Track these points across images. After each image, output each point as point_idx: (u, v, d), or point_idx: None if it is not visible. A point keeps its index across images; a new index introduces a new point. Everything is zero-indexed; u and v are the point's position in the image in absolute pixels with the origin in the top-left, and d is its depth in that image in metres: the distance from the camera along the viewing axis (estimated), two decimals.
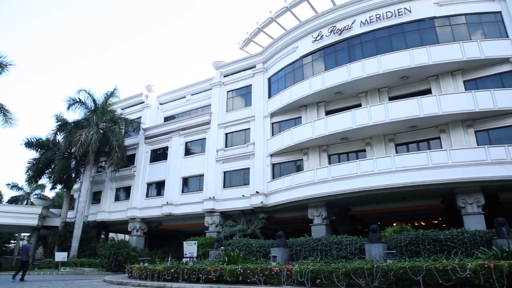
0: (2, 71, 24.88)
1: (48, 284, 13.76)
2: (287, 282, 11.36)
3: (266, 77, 27.03)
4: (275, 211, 23.51)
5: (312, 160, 22.59)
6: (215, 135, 27.48)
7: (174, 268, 13.94)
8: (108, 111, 31.33)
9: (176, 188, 28.11)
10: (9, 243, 55.76)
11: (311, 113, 23.46)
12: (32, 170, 34.23)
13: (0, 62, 24.68)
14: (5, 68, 24.93)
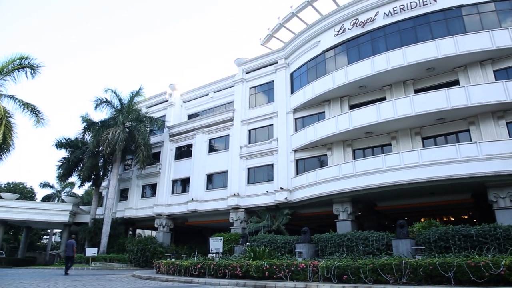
0: (34, 73, 25.76)
1: (80, 279, 14.24)
2: (313, 278, 11.32)
3: (288, 73, 26.90)
4: (299, 207, 23.46)
5: (336, 155, 22.38)
6: (238, 132, 27.61)
7: (201, 264, 14.15)
8: (134, 110, 32.01)
9: (201, 184, 28.45)
10: (43, 239, 58.00)
11: (335, 107, 23.20)
12: (63, 169, 35.46)
13: (32, 65, 25.55)
14: (36, 70, 25.81)
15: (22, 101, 26.68)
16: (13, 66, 25.10)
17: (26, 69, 25.59)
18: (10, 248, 47.70)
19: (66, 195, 48.98)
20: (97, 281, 13.23)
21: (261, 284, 11.17)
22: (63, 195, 49.95)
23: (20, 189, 53.51)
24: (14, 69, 25.26)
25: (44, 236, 57.54)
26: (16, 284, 11.32)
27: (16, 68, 25.28)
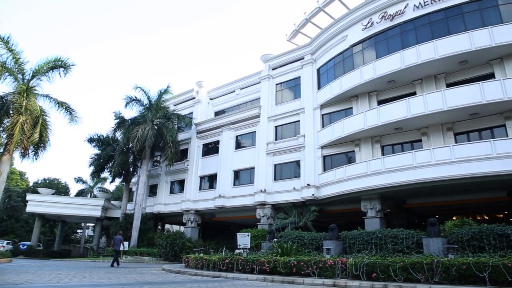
0: (66, 72, 26.68)
1: (113, 271, 14.73)
2: (341, 275, 11.26)
3: (315, 68, 26.66)
4: (326, 204, 23.29)
5: (365, 151, 22.04)
6: (265, 128, 27.66)
7: (229, 259, 14.33)
8: (162, 108, 32.66)
9: (228, 181, 28.73)
10: (77, 232, 60.25)
11: (363, 103, 22.83)
12: (95, 165, 36.73)
13: (64, 64, 26.46)
14: (68, 69, 26.72)
15: (57, 100, 27.70)
16: (48, 67, 26.07)
17: (59, 68, 26.53)
18: (47, 241, 49.89)
19: (98, 190, 50.65)
20: (129, 274, 13.65)
21: (289, 280, 11.20)
22: (95, 191, 51.68)
23: (55, 184, 55.74)
24: (49, 69, 26.23)
25: (78, 230, 59.75)
26: (54, 274, 11.85)
27: (50, 68, 26.24)
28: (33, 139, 25.63)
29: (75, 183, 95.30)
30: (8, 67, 24.98)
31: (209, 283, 10.42)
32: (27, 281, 9.28)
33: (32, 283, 8.97)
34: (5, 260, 20.18)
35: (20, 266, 16.55)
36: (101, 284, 9.07)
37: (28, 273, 12.14)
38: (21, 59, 25.28)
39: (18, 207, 48.74)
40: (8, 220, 49.43)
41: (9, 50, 24.45)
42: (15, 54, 24.97)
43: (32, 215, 40.73)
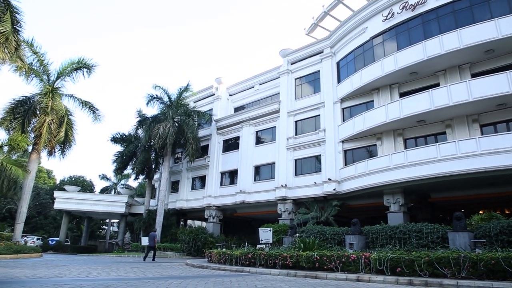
0: (90, 72, 27.31)
1: (138, 266, 15.07)
2: (365, 269, 11.18)
3: (335, 62, 26.37)
4: (348, 198, 23.10)
5: (387, 145, 21.71)
6: (284, 123, 27.59)
7: (251, 254, 14.43)
8: (182, 105, 33.02)
9: (249, 176, 28.84)
10: (102, 228, 61.81)
11: (384, 96, 22.45)
12: (118, 163, 37.52)
13: (88, 65, 27.09)
14: (92, 69, 27.35)
15: (81, 100, 28.42)
16: (72, 68, 26.76)
17: (83, 69, 27.18)
18: (74, 237, 51.38)
19: (121, 187, 51.75)
20: (153, 268, 13.93)
21: (312, 275, 11.20)
22: (119, 187, 52.81)
23: (80, 182, 57.31)
24: (73, 70, 26.91)
25: (103, 226, 61.31)
26: (82, 269, 12.22)
27: (74, 68, 26.92)
28: (59, 138, 26.42)
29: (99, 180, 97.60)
30: (34, 68, 25.76)
31: (233, 277, 10.54)
32: (57, 275, 9.61)
33: (63, 277, 9.28)
34: (36, 255, 20.94)
35: (50, 261, 17.14)
36: (128, 278, 9.29)
37: (58, 268, 12.56)
38: (45, 61, 26.05)
39: (46, 204, 50.40)
40: (37, 216, 51.19)
41: (34, 53, 25.19)
42: (40, 56, 25.74)
43: (60, 211, 42.05)
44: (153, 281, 8.74)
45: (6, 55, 18.00)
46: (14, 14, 18.21)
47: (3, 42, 17.60)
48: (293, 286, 8.33)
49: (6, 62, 18.80)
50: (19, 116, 25.72)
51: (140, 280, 8.80)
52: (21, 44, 19.14)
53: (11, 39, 17.88)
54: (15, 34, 18.41)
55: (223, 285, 8.19)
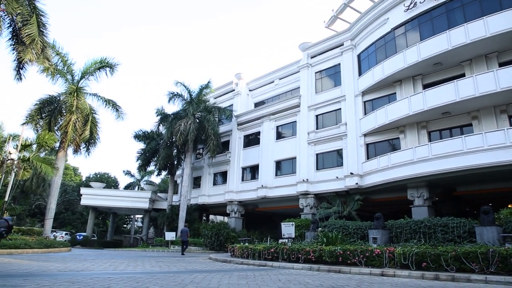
0: (112, 71, 27.89)
1: (163, 260, 15.37)
2: (389, 264, 11.04)
3: (355, 54, 26.00)
4: (371, 192, 22.84)
5: (410, 138, 21.30)
6: (305, 118, 27.45)
7: (274, 248, 14.48)
8: (203, 101, 33.34)
9: (270, 171, 28.88)
10: (127, 223, 63.25)
11: (407, 88, 22.01)
12: (141, 159, 38.29)
13: (110, 64, 27.65)
14: (114, 68, 27.90)
15: (104, 98, 29.05)
16: (95, 67, 27.39)
17: (106, 68, 27.77)
18: (100, 232, 52.81)
19: (145, 183, 52.75)
20: (178, 262, 14.18)
21: (335, 269, 11.16)
22: (142, 184, 53.85)
23: (105, 178, 58.74)
24: (96, 69, 27.53)
25: (128, 221, 62.72)
26: (110, 262, 12.57)
27: (97, 68, 27.54)
28: (84, 136, 27.15)
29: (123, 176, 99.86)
30: (59, 69, 26.48)
31: (256, 271, 10.62)
32: (87, 268, 9.92)
33: (91, 270, 9.58)
34: (65, 249, 21.63)
35: (79, 255, 17.68)
36: (153, 272, 9.50)
37: (86, 261, 12.96)
38: (68, 61, 26.75)
39: (73, 201, 51.94)
40: (65, 212, 52.85)
41: (57, 54, 25.86)
42: (63, 57, 26.43)
43: (86, 207, 43.28)
44: (178, 274, 8.90)
45: (33, 56, 18.60)
46: (39, 16, 18.77)
47: (30, 44, 18.18)
48: (317, 280, 8.32)
49: (34, 63, 19.45)
50: (46, 115, 26.57)
51: (166, 274, 8.98)
52: (47, 46, 19.69)
53: (37, 40, 18.44)
54: (41, 36, 18.98)
55: (246, 279, 8.27)
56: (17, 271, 8.38)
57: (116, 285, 6.36)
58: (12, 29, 18.86)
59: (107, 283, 6.64)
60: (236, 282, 7.50)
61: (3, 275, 7.36)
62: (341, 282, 8.19)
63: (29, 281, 6.58)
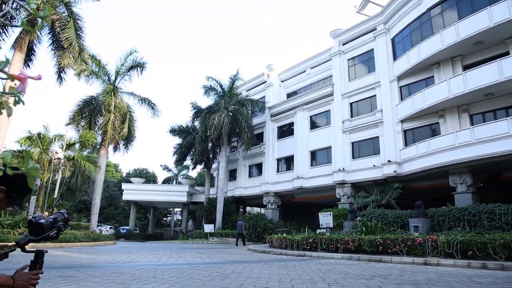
0: (142, 70, 28.65)
1: (203, 251, 15.78)
2: (432, 253, 10.77)
3: (389, 38, 25.17)
4: (410, 180, 22.22)
5: (450, 122, 20.46)
6: (339, 106, 27.01)
7: (312, 238, 14.48)
8: (235, 94, 33.59)
9: (305, 162, 28.73)
10: (167, 217, 65.20)
11: (445, 70, 21.08)
12: (177, 154, 39.24)
13: (140, 63, 28.40)
14: (143, 67, 28.64)
15: (140, 96, 29.94)
16: (126, 67, 28.24)
17: (137, 68, 28.58)
18: (142, 225, 54.83)
19: (182, 177, 54.08)
20: (218, 254, 14.51)
21: (376, 259, 11.02)
22: (180, 178, 55.23)
23: (144, 174, 60.72)
24: (129, 69, 28.37)
25: (168, 214, 64.64)
26: (153, 254, 13.06)
27: (131, 67, 28.38)
28: (123, 134, 28.18)
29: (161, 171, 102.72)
30: (95, 70, 27.56)
31: (295, 261, 10.68)
32: (132, 260, 10.37)
33: (137, 261, 10.00)
34: (111, 242, 22.65)
35: (124, 248, 18.48)
36: (195, 263, 9.78)
37: (131, 254, 13.53)
38: (102, 62, 27.75)
39: (115, 196, 54.18)
40: (108, 207, 55.24)
41: (91, 57, 26.80)
42: (97, 61, 27.43)
43: (128, 202, 44.99)
44: (220, 265, 9.12)
45: (71, 59, 19.42)
46: (76, 21, 19.53)
47: (68, 47, 18.99)
48: (357, 270, 8.27)
49: (71, 66, 20.31)
50: (86, 115, 27.76)
51: (207, 265, 9.23)
52: (84, 49, 20.48)
53: (75, 44, 19.23)
54: (78, 40, 19.77)
55: (286, 269, 8.34)
56: (70, 263, 8.89)
57: (161, 275, 6.62)
58: (52, 34, 19.80)
59: (153, 273, 6.92)
60: (277, 272, 7.59)
61: (58, 267, 7.84)
62: (382, 271, 8.08)
63: (81, 272, 6.97)
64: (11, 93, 1.10)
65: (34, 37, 18.43)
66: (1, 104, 1.14)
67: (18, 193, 1.96)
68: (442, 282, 6.37)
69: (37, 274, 2.07)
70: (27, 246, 2.30)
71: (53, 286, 5.01)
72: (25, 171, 1.19)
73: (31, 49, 19.28)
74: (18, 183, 1.86)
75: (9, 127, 17.09)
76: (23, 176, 1.30)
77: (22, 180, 1.84)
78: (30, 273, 2.04)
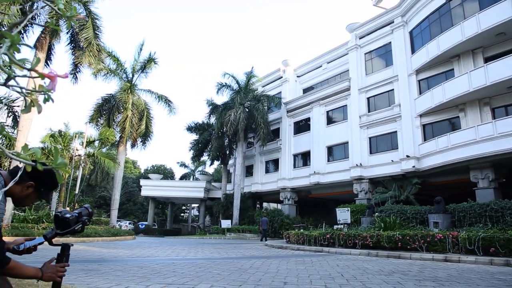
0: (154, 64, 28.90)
1: (221, 247, 15.90)
2: (453, 249, 10.59)
3: (407, 31, 24.71)
4: (429, 175, 21.86)
5: (471, 116, 19.99)
6: (356, 101, 26.72)
7: (330, 234, 14.42)
8: (251, 90, 33.59)
9: (322, 157, 28.58)
10: (184, 212, 65.94)
11: (466, 63, 20.58)
12: (194, 150, 39.56)
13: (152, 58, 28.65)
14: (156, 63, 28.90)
15: (157, 94, 30.27)
16: (140, 62, 28.55)
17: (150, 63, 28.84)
18: (160, 221, 55.60)
19: (199, 173, 54.54)
20: (235, 249, 14.60)
21: (395, 255, 10.91)
22: (197, 174, 55.71)
23: (162, 170, 61.44)
24: (144, 65, 28.65)
25: (185, 210, 65.36)
26: (172, 249, 13.25)
27: (147, 65, 28.67)
28: (141, 131, 28.57)
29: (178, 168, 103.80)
30: (112, 69, 27.96)
31: (313, 257, 10.67)
32: (152, 255, 10.55)
33: (156, 256, 10.17)
34: (130, 237, 23.07)
35: (143, 243, 18.79)
36: (213, 258, 9.88)
37: (150, 248, 13.76)
38: (119, 60, 28.12)
39: (134, 192, 55.05)
40: (127, 203, 56.20)
41: (109, 55, 27.21)
42: (115, 59, 27.79)
43: (146, 198, 45.67)
44: (237, 260, 9.19)
45: (92, 58, 19.75)
46: (94, 20, 19.84)
47: (87, 47, 19.32)
48: (376, 266, 8.20)
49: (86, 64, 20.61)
50: (105, 113, 28.23)
51: (225, 260, 9.31)
52: (102, 48, 20.80)
53: (93, 43, 19.54)
54: (96, 39, 20.07)
55: (304, 264, 8.35)
56: (92, 257, 9.11)
57: (180, 269, 6.72)
58: (70, 34, 20.16)
59: (172, 268, 7.03)
60: (295, 267, 7.60)
61: (80, 260, 8.05)
62: (401, 267, 8.00)
63: (103, 265, 7.14)
64: (41, 91, 1.14)
65: (55, 37, 18.80)
66: (32, 102, 1.18)
67: (46, 188, 2.04)
68: (464, 279, 6.27)
69: (64, 266, 2.15)
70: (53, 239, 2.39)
71: (76, 279, 5.15)
72: (54, 167, 1.23)
73: (50, 48, 19.67)
74: (46, 178, 1.93)
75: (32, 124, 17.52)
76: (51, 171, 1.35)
77: (50, 175, 1.90)
78: (57, 265, 2.12)
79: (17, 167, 1.99)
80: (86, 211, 2.48)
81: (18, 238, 2.22)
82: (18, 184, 1.89)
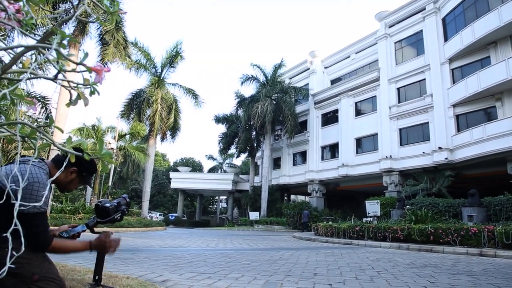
0: (180, 58, 29.22)
1: (250, 238, 16.06)
2: (488, 244, 10.25)
3: (439, 18, 23.85)
4: (462, 168, 21.16)
5: (509, 105, 19.13)
6: (385, 92, 26.12)
7: (359, 227, 14.27)
8: (278, 82, 33.46)
9: (350, 149, 28.21)
10: (213, 204, 66.91)
11: (503, 49, 19.64)
12: (222, 143, 39.98)
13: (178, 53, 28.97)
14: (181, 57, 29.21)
15: (185, 87, 30.67)
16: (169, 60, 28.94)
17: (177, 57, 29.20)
18: (189, 212, 56.66)
19: (227, 166, 55.09)
20: (264, 240, 14.71)
21: (426, 248, 10.67)
22: (225, 166, 56.28)
23: (190, 163, 62.46)
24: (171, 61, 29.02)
25: (214, 202, 66.31)
26: (202, 240, 13.51)
27: (174, 59, 29.04)
28: (169, 124, 29.10)
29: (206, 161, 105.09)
30: (142, 63, 28.51)
31: (342, 249, 10.61)
32: (183, 245, 10.80)
33: (187, 246, 10.40)
34: (161, 228, 23.69)
35: (173, 233, 19.24)
36: (242, 249, 10.01)
37: (181, 239, 14.08)
38: (149, 55, 28.62)
39: (164, 184, 56.33)
40: (157, 195, 57.61)
41: (139, 50, 27.72)
42: (146, 54, 28.30)
43: (175, 190, 46.64)
44: (266, 251, 9.27)
45: (120, 55, 20.20)
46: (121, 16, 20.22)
47: (117, 46, 19.77)
48: (407, 259, 8.07)
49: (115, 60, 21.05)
50: (135, 107, 28.93)
51: (255, 251, 9.41)
52: (129, 45, 21.21)
53: (121, 39, 19.96)
54: (124, 34, 20.46)
55: (334, 256, 8.32)
56: (126, 247, 9.43)
57: (211, 260, 6.86)
58: (100, 31, 20.66)
59: (203, 258, 7.18)
60: (324, 259, 7.59)
61: None
62: (434, 261, 7.83)
63: (137, 255, 7.39)
64: (88, 84, 1.20)
65: (84, 34, 19.32)
66: (79, 95, 1.24)
67: (88, 173, 2.19)
68: (501, 274, 6.08)
69: (112, 240, 2.28)
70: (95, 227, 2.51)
71: (113, 266, 5.36)
72: (99, 157, 1.30)
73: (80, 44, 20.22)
74: (87, 164, 2.04)
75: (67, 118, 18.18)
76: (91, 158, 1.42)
77: (90, 162, 2.01)
78: (110, 239, 2.26)
79: (58, 156, 2.12)
80: (124, 201, 2.59)
81: (62, 226, 2.36)
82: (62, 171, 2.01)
